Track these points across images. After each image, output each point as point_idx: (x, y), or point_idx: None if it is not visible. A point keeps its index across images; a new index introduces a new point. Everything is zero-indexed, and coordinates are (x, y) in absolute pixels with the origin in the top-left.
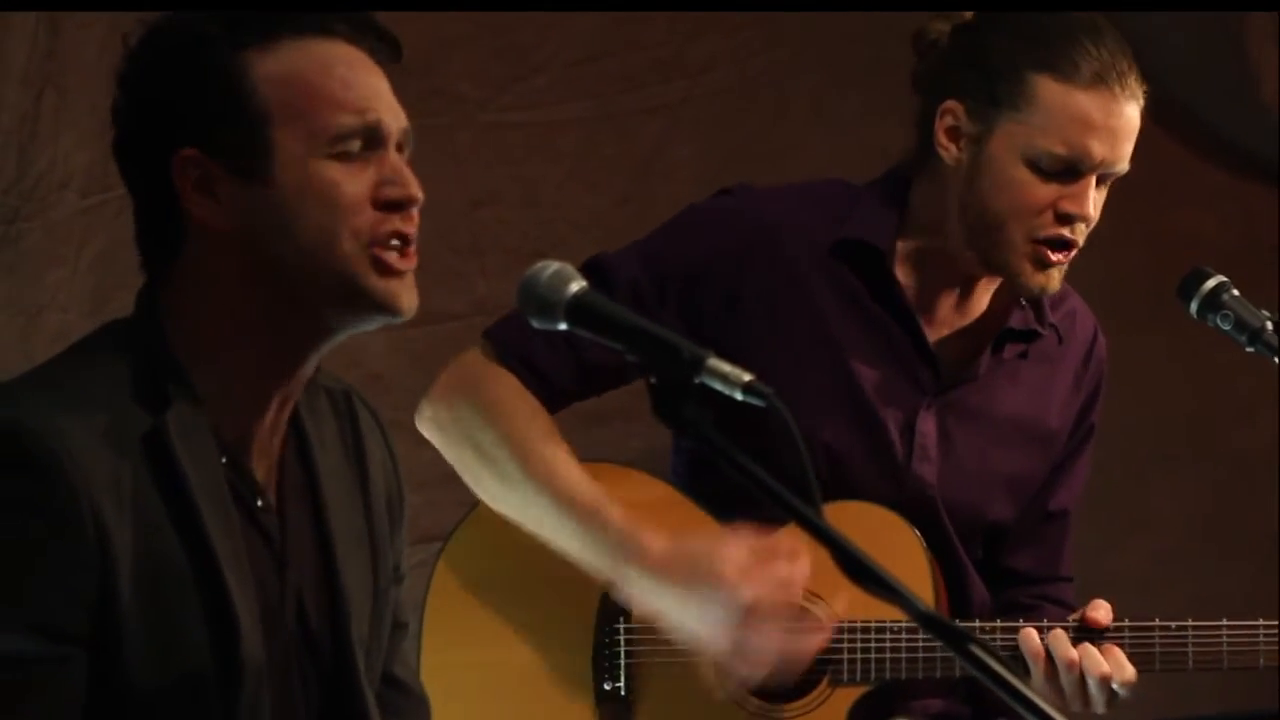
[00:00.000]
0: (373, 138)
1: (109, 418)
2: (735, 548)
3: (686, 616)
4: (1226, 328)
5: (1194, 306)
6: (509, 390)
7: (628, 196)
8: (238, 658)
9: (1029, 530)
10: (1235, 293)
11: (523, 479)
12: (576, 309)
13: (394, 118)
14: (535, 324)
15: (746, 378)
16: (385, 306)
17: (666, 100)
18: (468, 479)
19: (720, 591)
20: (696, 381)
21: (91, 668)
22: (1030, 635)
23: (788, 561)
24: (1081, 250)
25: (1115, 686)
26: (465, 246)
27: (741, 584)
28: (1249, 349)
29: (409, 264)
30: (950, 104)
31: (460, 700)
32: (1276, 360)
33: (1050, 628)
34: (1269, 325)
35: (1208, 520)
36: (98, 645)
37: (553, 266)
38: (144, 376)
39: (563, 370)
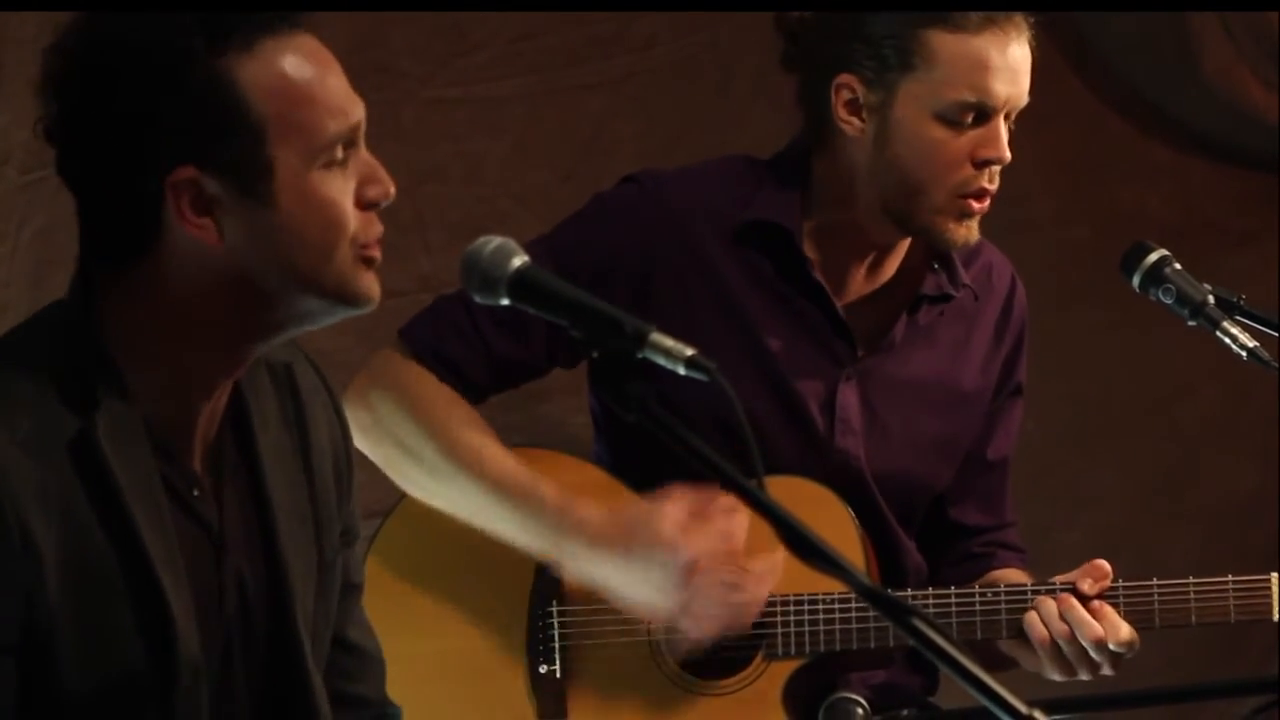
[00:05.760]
0: (352, 139)
1: (35, 423)
2: (672, 507)
3: (630, 583)
4: (1169, 301)
5: (1137, 280)
6: (426, 384)
7: (571, 172)
8: (174, 658)
9: (971, 483)
10: (1177, 267)
11: (451, 470)
12: (519, 284)
13: (360, 110)
14: (478, 299)
15: (689, 352)
16: (361, 300)
17: (609, 76)
18: (395, 477)
19: (661, 552)
20: (639, 356)
21: (22, 675)
22: (1034, 620)
23: (725, 516)
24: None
25: (1113, 647)
26: (409, 223)
27: (681, 542)
28: (1191, 323)
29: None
30: (844, 78)
31: (397, 691)
32: (1217, 333)
33: (1038, 591)
34: (1210, 299)
35: (1153, 493)
36: (27, 653)
37: (495, 242)
38: (72, 375)
39: (476, 364)
